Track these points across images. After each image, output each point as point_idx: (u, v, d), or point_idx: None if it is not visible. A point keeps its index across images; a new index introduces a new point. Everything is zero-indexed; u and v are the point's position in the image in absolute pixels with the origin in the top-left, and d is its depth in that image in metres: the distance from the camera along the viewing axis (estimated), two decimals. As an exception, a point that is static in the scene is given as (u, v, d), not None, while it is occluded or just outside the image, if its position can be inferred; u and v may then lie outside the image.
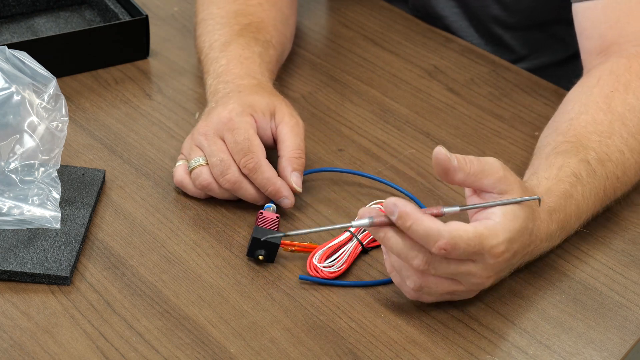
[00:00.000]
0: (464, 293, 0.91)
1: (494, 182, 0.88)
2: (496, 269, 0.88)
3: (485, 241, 0.85)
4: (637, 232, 1.03)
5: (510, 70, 1.29)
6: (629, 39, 1.10)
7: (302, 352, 0.87)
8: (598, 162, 0.98)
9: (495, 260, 0.86)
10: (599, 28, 1.12)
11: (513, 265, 0.91)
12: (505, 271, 0.91)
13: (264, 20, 1.19)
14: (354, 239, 0.97)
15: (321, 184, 1.08)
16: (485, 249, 0.85)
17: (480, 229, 0.85)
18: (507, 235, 0.86)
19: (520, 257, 0.91)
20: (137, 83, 1.22)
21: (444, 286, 0.88)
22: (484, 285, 0.90)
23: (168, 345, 0.87)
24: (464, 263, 0.86)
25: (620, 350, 0.89)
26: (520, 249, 0.89)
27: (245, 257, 0.97)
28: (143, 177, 1.06)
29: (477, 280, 0.88)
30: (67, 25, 1.31)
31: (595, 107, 1.03)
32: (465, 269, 0.87)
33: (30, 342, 0.87)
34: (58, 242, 0.95)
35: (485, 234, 0.85)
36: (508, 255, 0.87)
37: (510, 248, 0.87)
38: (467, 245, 0.84)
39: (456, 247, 0.84)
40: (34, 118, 0.97)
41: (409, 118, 1.19)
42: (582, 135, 1.00)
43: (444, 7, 1.37)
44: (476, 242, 0.85)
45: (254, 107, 1.03)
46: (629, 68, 1.06)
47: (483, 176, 0.88)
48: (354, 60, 1.29)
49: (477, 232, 0.85)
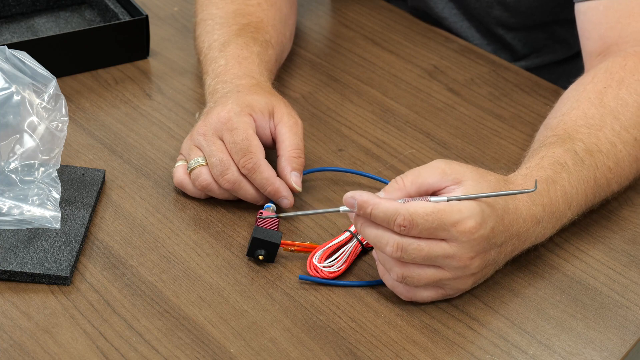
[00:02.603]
0: (454, 281, 0.90)
1: (439, 178, 0.88)
2: (475, 248, 0.88)
3: (445, 216, 0.86)
4: (637, 232, 1.03)
5: (510, 70, 1.29)
6: (628, 40, 1.10)
7: (302, 352, 0.87)
8: (586, 152, 0.98)
9: (468, 237, 0.86)
10: (599, 29, 1.12)
11: (499, 246, 0.91)
12: (492, 253, 0.91)
13: (263, 20, 1.20)
14: (354, 239, 0.97)
15: (321, 184, 1.08)
16: (447, 224, 0.86)
17: (440, 205, 0.86)
18: (475, 210, 0.86)
19: (505, 237, 0.90)
20: (137, 83, 1.22)
21: (427, 274, 0.89)
22: (470, 269, 0.89)
23: (168, 345, 0.87)
24: (436, 243, 0.87)
25: (620, 350, 0.89)
26: (498, 226, 0.89)
27: (245, 257, 0.97)
28: (143, 177, 1.06)
29: (457, 262, 0.88)
30: (67, 25, 1.31)
31: (587, 103, 1.03)
32: (441, 251, 0.87)
33: (30, 342, 0.87)
34: (58, 242, 0.95)
35: (444, 209, 0.86)
36: (484, 232, 0.87)
37: (483, 224, 0.87)
38: (424, 220, 0.85)
39: (415, 223, 0.85)
40: (34, 118, 0.97)
41: (409, 118, 1.19)
42: (571, 128, 1.01)
43: (443, 9, 1.37)
44: (435, 217, 0.85)
45: (253, 107, 1.03)
46: (624, 66, 1.06)
47: (423, 178, 0.88)
48: (354, 60, 1.30)
49: (435, 207, 0.86)
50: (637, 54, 1.08)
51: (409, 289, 0.91)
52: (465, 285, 0.91)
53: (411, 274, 0.89)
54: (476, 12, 1.36)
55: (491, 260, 0.91)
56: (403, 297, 0.92)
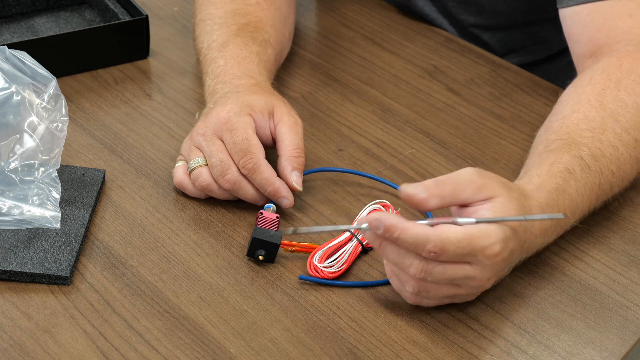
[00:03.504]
0: (465, 296, 0.91)
1: (473, 193, 0.87)
2: (495, 269, 0.88)
3: (475, 242, 0.85)
4: (637, 232, 1.03)
5: (510, 70, 1.29)
6: (619, 39, 1.10)
7: (302, 352, 0.87)
8: (591, 157, 0.98)
9: (492, 261, 0.86)
10: (587, 32, 1.13)
11: (512, 264, 0.92)
12: (505, 270, 0.91)
13: (262, 19, 1.19)
14: (354, 239, 0.97)
15: (321, 184, 1.08)
16: (477, 250, 0.85)
17: (470, 230, 0.85)
18: (501, 236, 0.86)
19: (517, 255, 0.91)
20: (137, 83, 1.22)
21: (443, 290, 0.88)
22: (484, 287, 0.90)
23: (168, 345, 0.87)
24: (461, 267, 0.86)
25: (620, 350, 0.89)
26: (517, 247, 0.89)
27: (245, 257, 0.97)
28: (143, 177, 1.06)
29: (476, 283, 0.88)
30: (67, 25, 1.31)
31: (587, 105, 1.03)
32: (463, 273, 0.86)
33: (30, 342, 0.87)
34: (58, 242, 0.95)
35: (475, 234, 0.85)
36: (505, 255, 0.87)
37: (506, 248, 0.87)
38: (456, 247, 0.84)
39: (445, 250, 0.84)
40: (34, 118, 0.97)
41: (409, 118, 1.19)
42: (574, 132, 1.01)
43: (423, 6, 1.37)
44: (466, 244, 0.84)
45: (253, 107, 1.03)
46: (620, 66, 1.06)
47: (459, 193, 0.87)
48: (354, 60, 1.29)
49: (466, 234, 0.85)
50: (630, 54, 1.08)
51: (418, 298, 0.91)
52: (473, 297, 0.92)
53: (427, 289, 0.88)
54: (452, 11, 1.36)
55: (502, 275, 0.92)
56: (408, 302, 0.91)
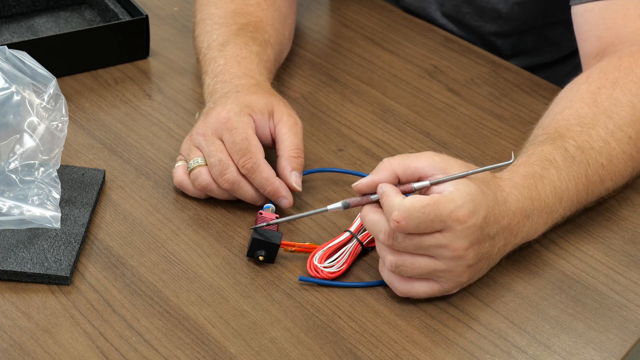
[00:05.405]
0: (449, 274, 0.90)
1: (427, 163, 0.90)
2: (469, 237, 0.88)
3: (441, 207, 0.86)
4: (637, 232, 1.03)
5: (510, 70, 1.29)
6: (625, 40, 1.10)
7: (302, 352, 0.87)
8: (577, 149, 0.99)
9: (462, 226, 0.87)
10: (596, 30, 1.13)
11: (492, 238, 0.91)
12: (486, 245, 0.90)
13: (262, 19, 1.20)
14: (354, 239, 0.97)
15: (321, 184, 1.08)
16: (444, 215, 0.86)
17: (435, 196, 0.87)
18: (465, 198, 0.87)
19: (497, 229, 0.90)
20: (137, 83, 1.22)
21: (420, 263, 0.89)
22: (465, 260, 0.89)
23: (168, 345, 0.87)
24: (431, 235, 0.87)
25: (620, 350, 0.89)
26: (490, 216, 0.89)
27: (245, 257, 0.97)
28: (143, 177, 1.06)
29: (451, 252, 0.88)
30: (67, 25, 1.31)
31: (580, 102, 1.03)
32: (434, 241, 0.87)
33: (30, 342, 0.87)
34: (58, 242, 0.95)
35: (440, 199, 0.87)
36: (477, 221, 0.87)
37: (475, 212, 0.87)
38: (421, 213, 0.86)
39: (411, 217, 0.86)
40: (34, 118, 0.97)
41: (409, 118, 1.19)
42: (563, 127, 1.01)
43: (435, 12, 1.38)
44: (431, 209, 0.86)
45: (252, 107, 1.03)
46: (619, 66, 1.06)
47: (411, 160, 0.90)
48: (354, 60, 1.30)
49: (431, 199, 0.87)
50: (632, 54, 1.08)
51: (404, 283, 0.91)
52: (461, 279, 0.91)
53: (404, 262, 0.89)
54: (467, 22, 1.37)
55: (485, 253, 0.91)
56: (399, 293, 0.91)
